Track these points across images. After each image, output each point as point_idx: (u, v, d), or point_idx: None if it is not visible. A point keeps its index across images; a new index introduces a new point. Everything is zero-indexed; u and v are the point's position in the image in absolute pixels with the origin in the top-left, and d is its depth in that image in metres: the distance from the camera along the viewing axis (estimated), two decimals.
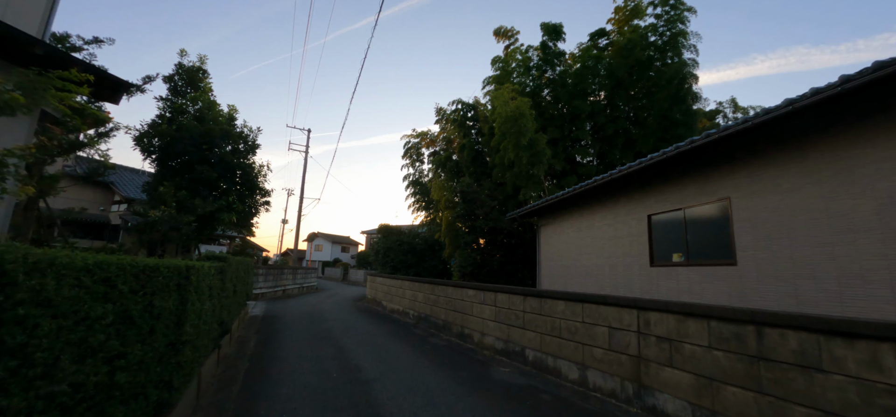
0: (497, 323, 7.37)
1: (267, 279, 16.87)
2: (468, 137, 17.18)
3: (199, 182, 7.84)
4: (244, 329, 8.69)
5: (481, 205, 14.29)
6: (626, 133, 14.87)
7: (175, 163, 8.01)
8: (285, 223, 44.36)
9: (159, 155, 8.00)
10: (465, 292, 8.58)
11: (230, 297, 5.78)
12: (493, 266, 13.94)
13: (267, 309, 13.00)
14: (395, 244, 18.38)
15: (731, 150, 6.12)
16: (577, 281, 9.68)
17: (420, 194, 21.91)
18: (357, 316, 12.16)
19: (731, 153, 6.14)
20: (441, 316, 9.59)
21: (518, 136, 12.90)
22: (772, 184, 5.57)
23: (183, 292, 3.02)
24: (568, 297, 5.77)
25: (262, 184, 9.71)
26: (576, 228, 10.07)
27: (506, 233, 14.07)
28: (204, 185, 7.91)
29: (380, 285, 15.05)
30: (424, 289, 10.79)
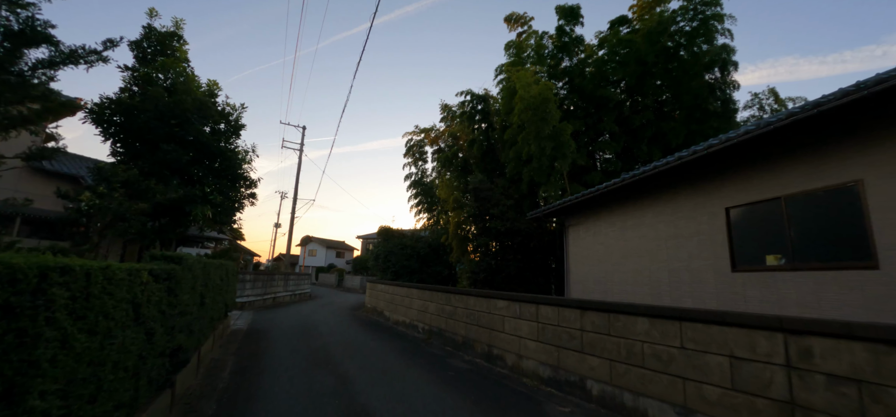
0: (540, 344, 5.82)
1: (255, 286, 15.16)
2: (478, 131, 15.72)
3: (165, 165, 6.22)
4: (221, 348, 7.05)
5: (495, 204, 12.80)
6: (653, 125, 13.50)
7: (135, 142, 6.37)
8: (278, 227, 42.55)
9: (116, 131, 6.37)
10: (494, 303, 7.03)
11: (192, 314, 4.20)
12: (509, 271, 12.41)
13: (253, 320, 11.31)
14: (397, 248, 16.80)
15: (863, 119, 4.69)
16: (622, 290, 8.19)
17: (423, 195, 20.41)
18: (357, 329, 10.53)
19: (858, 124, 4.72)
20: (460, 332, 8.02)
21: (540, 126, 11.46)
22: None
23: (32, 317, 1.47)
24: (656, 314, 4.26)
25: (247, 173, 8.13)
26: (618, 228, 8.60)
27: (523, 235, 12.57)
28: (171, 170, 6.31)
29: (381, 293, 13.43)
30: (437, 299, 9.22)
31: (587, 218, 9.74)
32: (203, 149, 6.98)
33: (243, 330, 9.25)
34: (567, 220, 10.55)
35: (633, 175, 7.24)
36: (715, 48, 12.38)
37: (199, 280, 4.48)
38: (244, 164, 7.93)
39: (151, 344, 2.76)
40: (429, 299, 9.65)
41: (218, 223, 7.83)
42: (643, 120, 13.46)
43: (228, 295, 7.76)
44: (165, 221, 7.55)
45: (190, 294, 3.96)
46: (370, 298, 14.92)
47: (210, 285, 5.38)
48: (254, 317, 11.84)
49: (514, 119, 12.19)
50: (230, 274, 7.78)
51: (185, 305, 3.74)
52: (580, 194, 8.86)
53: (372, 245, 49.86)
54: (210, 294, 5.40)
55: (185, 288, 3.67)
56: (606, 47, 13.62)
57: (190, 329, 4.14)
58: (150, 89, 6.25)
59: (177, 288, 3.40)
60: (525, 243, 12.59)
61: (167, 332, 3.22)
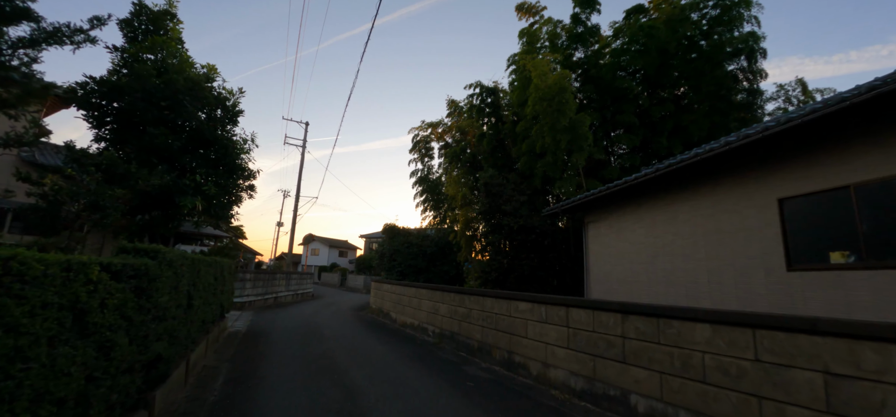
0: (571, 352, 5.18)
1: (256, 285, 14.58)
2: (488, 125, 15.07)
3: (152, 151, 5.61)
4: (216, 353, 6.44)
5: (508, 201, 12.15)
6: (673, 118, 12.82)
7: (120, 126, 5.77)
8: (280, 225, 42.06)
9: (100, 115, 5.77)
10: (515, 306, 6.39)
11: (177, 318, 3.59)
12: (522, 271, 11.76)
13: (253, 321, 10.71)
14: (403, 246, 16.18)
15: None
16: (652, 292, 7.52)
17: (429, 192, 19.78)
18: (362, 331, 9.91)
19: None
20: (475, 336, 7.38)
21: (555, 117, 10.81)
22: None
23: None
24: (721, 319, 3.61)
25: (246, 164, 7.52)
26: (646, 224, 7.94)
27: (537, 233, 11.91)
28: (159, 157, 5.70)
29: (387, 294, 12.81)
30: (449, 300, 8.58)
31: (609, 215, 9.08)
32: (196, 135, 6.37)
33: (241, 333, 8.65)
34: (586, 217, 9.88)
35: (669, 164, 6.58)
36: (741, 36, 11.69)
37: (186, 278, 3.87)
38: (242, 154, 7.33)
39: (110, 360, 2.15)
40: (440, 300, 9.02)
41: (214, 217, 7.22)
42: (663, 112, 12.78)
43: (225, 295, 7.16)
44: (157, 215, 6.95)
45: (171, 295, 3.35)
46: (375, 299, 14.31)
47: (201, 284, 4.77)
48: (254, 318, 11.25)
49: (528, 110, 11.55)
50: (226, 272, 7.18)
51: (163, 308, 3.13)
52: (604, 187, 8.20)
53: (375, 244, 49.29)
54: (201, 294, 4.80)
55: (163, 288, 3.06)
56: (624, 36, 12.93)
57: (173, 335, 3.53)
58: (137, 66, 5.63)
59: (151, 289, 2.79)
60: (539, 241, 11.93)
61: (137, 342, 2.61)
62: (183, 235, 14.33)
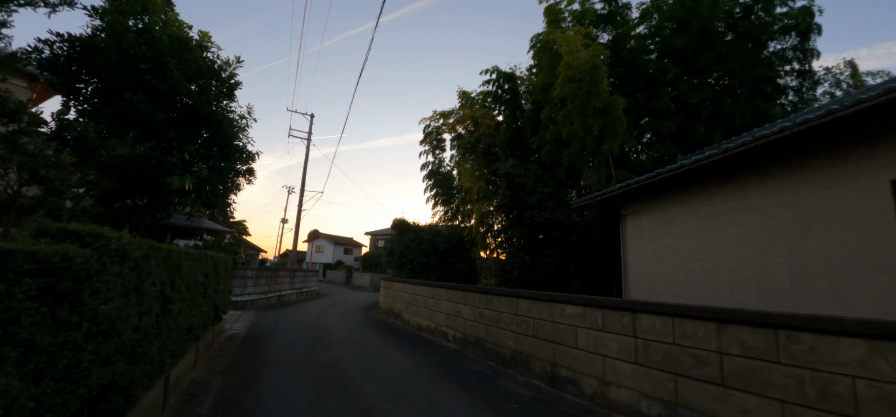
0: (641, 368, 4.19)
1: (258, 283, 13.70)
2: (505, 113, 14.05)
3: (130, 120, 4.68)
4: (208, 363, 5.51)
5: (531, 192, 11.13)
6: (712, 103, 11.72)
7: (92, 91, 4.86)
8: (285, 222, 41.30)
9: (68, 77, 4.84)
10: (559, 309, 5.40)
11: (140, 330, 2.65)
12: (547, 268, 10.74)
13: (254, 324, 9.81)
14: (413, 243, 15.22)
15: None
16: (711, 292, 6.49)
17: (440, 186, 18.81)
18: (374, 335, 8.95)
19: None
20: (507, 344, 6.40)
21: (587, 99, 9.78)
22: None
23: None
24: (880, 333, 2.60)
25: (244, 143, 6.56)
26: (702, 215, 6.90)
27: (563, 228, 10.89)
28: (140, 130, 4.77)
29: (399, 293, 11.86)
30: (473, 301, 7.60)
31: (654, 206, 8.04)
32: (185, 109, 5.44)
33: (240, 337, 7.72)
34: (624, 209, 8.85)
35: (743, 143, 5.53)
36: (792, 11, 10.57)
37: (155, 276, 2.93)
38: (240, 132, 6.38)
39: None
40: (461, 301, 8.04)
41: (208, 206, 6.29)
42: (701, 97, 11.68)
43: (220, 294, 6.23)
44: (142, 203, 6.02)
45: (127, 299, 2.40)
46: (385, 298, 13.37)
47: (183, 283, 3.83)
48: (255, 320, 10.34)
49: (555, 92, 10.52)
50: (221, 268, 6.25)
51: (112, 319, 2.18)
52: (653, 173, 7.16)
53: (381, 241, 48.41)
54: (183, 295, 3.86)
55: (108, 290, 2.11)
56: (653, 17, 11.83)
57: (135, 352, 2.59)
58: (111, 19, 4.72)
59: (81, 292, 1.84)
60: (565, 236, 10.91)
61: (54, 375, 1.67)
62: (180, 230, 13.48)
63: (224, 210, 7.01)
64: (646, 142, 12.87)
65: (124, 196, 5.39)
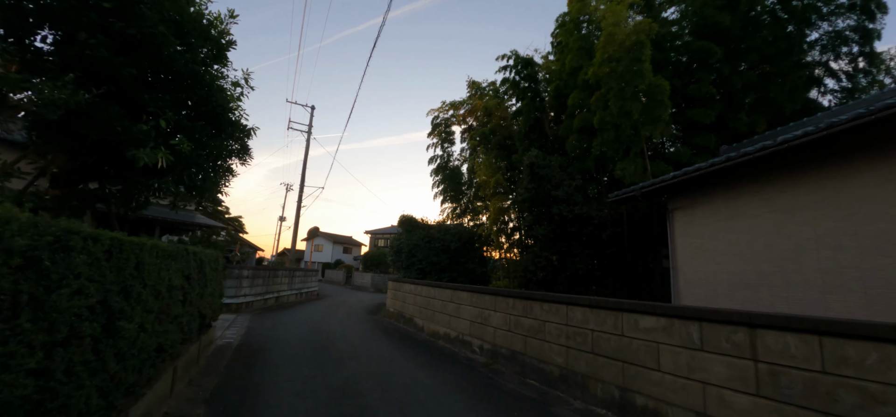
0: (769, 403, 3.12)
1: (254, 283, 12.57)
2: (524, 101, 12.98)
3: (87, 71, 3.60)
4: (192, 385, 4.40)
5: (558, 186, 10.07)
6: (757, 89, 10.70)
7: (40, 36, 3.80)
8: (283, 220, 40.11)
9: (11, 16, 3.73)
10: (632, 321, 4.32)
11: (72, 366, 1.58)
12: (575, 269, 9.69)
13: (250, 329, 8.69)
14: (422, 241, 14.11)
15: None
16: (793, 298, 5.44)
17: (448, 181, 17.74)
18: (386, 344, 7.85)
19: None
20: (554, 360, 5.31)
21: (628, 81, 8.73)
22: None
23: None
24: None
25: (238, 115, 5.42)
26: (780, 208, 5.85)
27: (594, 225, 9.84)
28: (98, 80, 3.68)
29: (410, 296, 10.76)
30: (506, 307, 6.52)
31: (713, 197, 6.99)
32: (162, 65, 4.33)
33: (233, 348, 6.60)
34: (672, 203, 7.79)
35: (857, 116, 4.47)
36: None
37: (93, 284, 1.85)
38: (233, 103, 5.27)
39: None
40: (490, 307, 6.95)
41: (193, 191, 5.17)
42: (745, 82, 10.64)
43: (206, 299, 5.11)
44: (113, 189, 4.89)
45: (35, 324, 1.33)
46: (394, 301, 12.27)
47: (145, 290, 2.73)
48: (250, 325, 9.22)
49: (589, 74, 9.47)
50: (209, 268, 5.14)
51: None
52: (722, 159, 6.10)
53: (382, 240, 47.27)
54: (147, 306, 2.77)
55: None
56: None
57: (41, 409, 1.51)
58: None
59: None
60: (595, 234, 9.86)
61: None
62: (169, 225, 12.35)
63: (214, 198, 5.88)
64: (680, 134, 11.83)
65: (85, 177, 4.28)
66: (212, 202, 6.37)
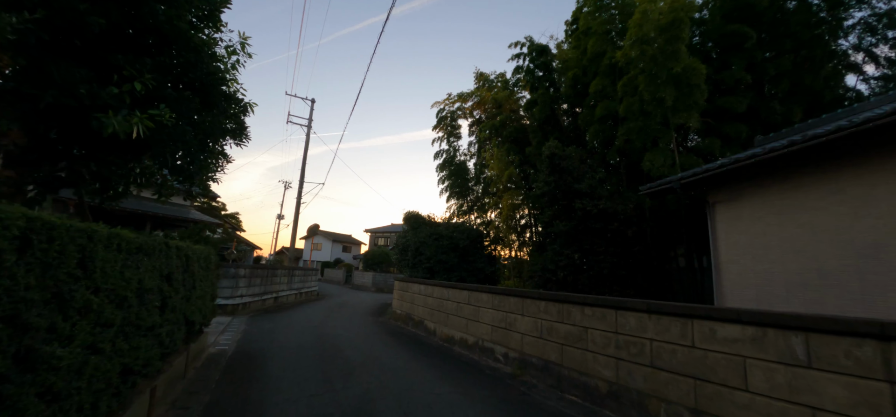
0: None
1: (252, 283, 11.80)
2: (540, 90, 12.24)
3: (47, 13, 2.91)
4: (175, 409, 3.64)
5: (580, 179, 9.36)
6: (792, 76, 10.01)
7: None
8: (281, 218, 39.25)
9: None
10: (704, 329, 3.61)
11: None
12: (599, 269, 8.97)
13: (246, 333, 7.93)
14: (429, 238, 13.37)
15: None
16: (866, 303, 4.73)
17: (454, 176, 17.00)
18: (398, 351, 7.12)
19: None
20: (600, 373, 4.59)
21: (662, 62, 8.01)
22: None
23: None
24: None
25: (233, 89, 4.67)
26: (851, 198, 5.15)
27: (620, 220, 9.12)
28: (56, 32, 2.98)
29: (419, 297, 10.02)
30: (536, 311, 5.78)
31: (762, 189, 6.28)
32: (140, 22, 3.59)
33: (227, 356, 5.85)
34: (714, 195, 7.09)
35: None
36: None
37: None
38: (227, 73, 4.51)
39: None
40: (516, 310, 6.21)
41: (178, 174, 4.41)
42: (778, 70, 9.94)
43: (196, 302, 4.36)
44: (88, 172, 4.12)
45: None
46: (400, 302, 11.52)
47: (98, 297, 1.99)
48: (247, 329, 8.46)
49: (619, 56, 8.74)
50: (199, 267, 4.39)
51: None
52: (784, 144, 5.38)
53: (382, 239, 46.48)
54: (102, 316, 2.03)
55: None
56: None
57: None
58: None
59: None
60: (621, 231, 9.14)
61: None
62: (162, 221, 11.55)
63: (205, 186, 5.10)
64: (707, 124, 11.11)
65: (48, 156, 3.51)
66: (204, 192, 5.55)
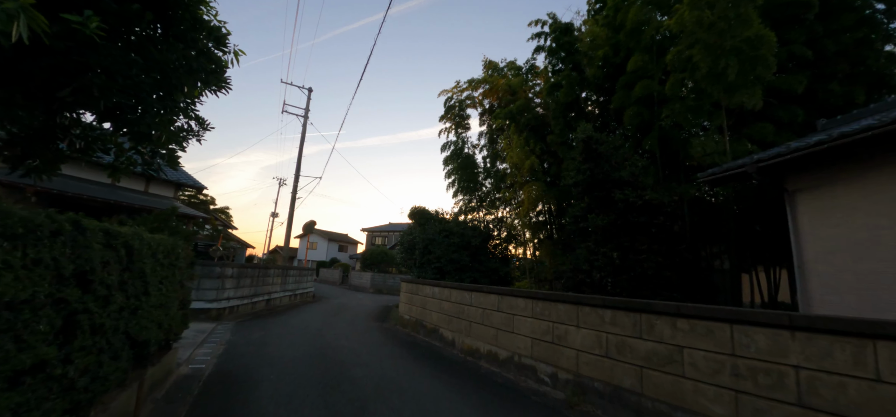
0: None
1: (240, 283, 10.47)
2: (564, 71, 11.04)
3: None
4: None
5: (620, 166, 8.18)
6: (852, 55, 8.91)
7: None
8: (275, 216, 37.88)
9: None
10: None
11: None
12: (642, 270, 7.78)
13: (231, 346, 6.62)
14: (439, 235, 12.11)
15: None
16: None
17: (463, 170, 15.77)
18: (415, 368, 5.87)
19: None
20: (709, 409, 3.38)
21: (727, 29, 6.85)
22: None
23: None
24: None
25: (205, 14, 3.42)
26: None
27: (666, 214, 7.96)
28: None
29: (432, 301, 8.76)
30: (596, 321, 4.56)
31: (866, 171, 5.13)
32: None
33: (202, 379, 4.55)
34: (794, 183, 5.93)
35: None
36: None
37: None
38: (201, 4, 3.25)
39: None
40: (568, 319, 4.98)
41: (127, 131, 3.18)
42: (838, 46, 8.83)
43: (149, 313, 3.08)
44: None
45: None
46: (409, 306, 10.25)
47: None
48: (233, 339, 7.14)
49: (672, 22, 7.56)
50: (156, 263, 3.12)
51: None
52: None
53: (379, 238, 45.06)
54: None
55: None
56: None
57: None
58: None
59: None
60: (667, 226, 7.97)
61: None
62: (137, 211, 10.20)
63: (169, 150, 3.79)
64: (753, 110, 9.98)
65: None
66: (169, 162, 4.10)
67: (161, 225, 4.06)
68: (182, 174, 13.50)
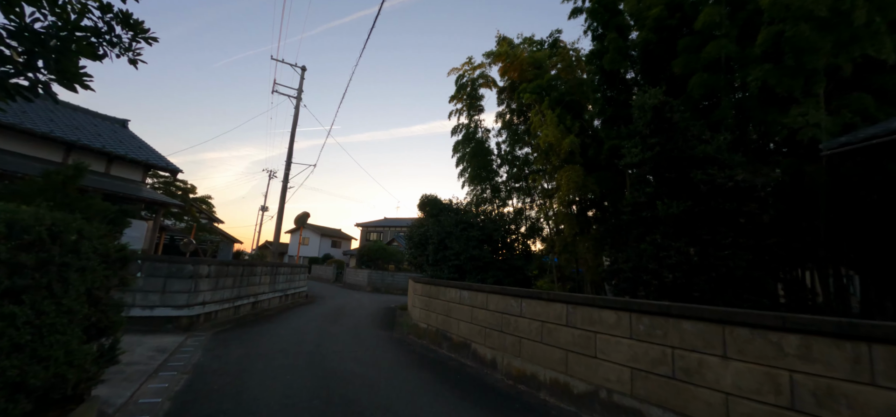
0: None
1: (219, 284, 8.62)
2: (609, 35, 9.36)
3: None
4: None
5: (697, 140, 6.58)
6: None
7: None
8: (265, 210, 35.66)
9: None
10: None
11: None
12: (729, 269, 6.17)
13: (198, 372, 4.84)
14: (457, 228, 10.38)
15: None
16: None
17: (475, 157, 14.08)
18: (457, 409, 4.15)
19: None
20: None
21: None
22: None
23: None
24: None
25: None
26: None
27: (758, 201, 6.37)
28: None
29: (459, 308, 7.06)
30: (761, 352, 2.90)
31: None
32: None
33: None
34: None
35: None
36: None
37: None
38: None
39: None
40: (700, 345, 3.32)
41: None
42: None
43: (15, 345, 1.34)
44: None
45: None
46: (424, 312, 8.53)
47: None
48: (203, 361, 5.33)
49: None
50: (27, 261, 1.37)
51: None
52: None
53: (374, 233, 43.13)
54: None
55: None
56: None
57: None
58: None
59: None
60: (757, 215, 6.38)
61: None
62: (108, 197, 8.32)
63: (65, 65, 2.04)
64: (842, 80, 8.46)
65: None
66: (67, 82, 2.49)
67: (49, 193, 2.27)
68: (152, 153, 11.49)
